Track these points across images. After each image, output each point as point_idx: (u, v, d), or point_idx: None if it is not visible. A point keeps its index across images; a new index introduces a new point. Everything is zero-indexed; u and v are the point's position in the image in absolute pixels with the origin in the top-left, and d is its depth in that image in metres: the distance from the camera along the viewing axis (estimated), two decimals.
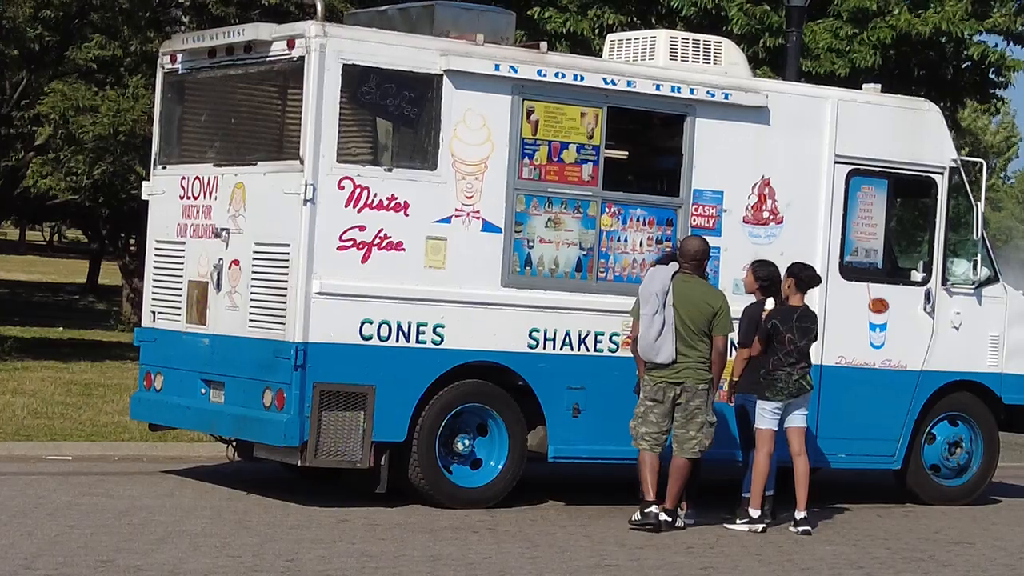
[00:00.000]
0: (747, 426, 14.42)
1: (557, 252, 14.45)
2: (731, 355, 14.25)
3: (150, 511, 12.97)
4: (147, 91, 19.52)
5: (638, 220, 14.84)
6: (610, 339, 14.52)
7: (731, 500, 14.29)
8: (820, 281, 14.83)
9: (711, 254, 14.27)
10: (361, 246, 13.53)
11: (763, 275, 14.24)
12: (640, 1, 29.63)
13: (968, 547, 14.00)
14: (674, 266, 13.64)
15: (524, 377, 14.21)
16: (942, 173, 16.21)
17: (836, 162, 15.63)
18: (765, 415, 14.05)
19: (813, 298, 14.52)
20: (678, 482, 13.65)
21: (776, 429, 14.07)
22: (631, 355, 14.05)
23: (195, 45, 14.93)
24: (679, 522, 13.71)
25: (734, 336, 14.20)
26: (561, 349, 14.40)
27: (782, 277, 14.28)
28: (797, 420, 14.22)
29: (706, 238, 14.19)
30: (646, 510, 13.49)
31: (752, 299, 14.42)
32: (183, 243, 14.64)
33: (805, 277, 14.34)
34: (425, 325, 13.80)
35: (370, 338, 13.59)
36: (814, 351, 14.45)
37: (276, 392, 13.38)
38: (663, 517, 13.48)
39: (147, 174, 15.61)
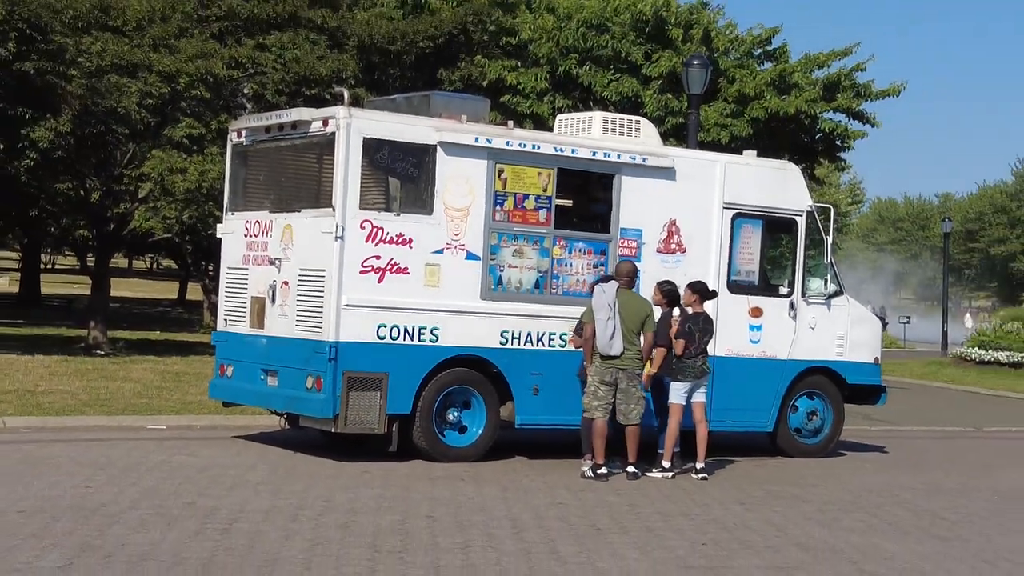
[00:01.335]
0: (660, 398, 14.41)
1: (521, 274, 14.41)
2: None
3: (223, 466, 12.93)
4: (221, 157, 19.48)
5: (580, 251, 14.81)
6: (560, 338, 14.46)
7: (649, 455, 14.23)
8: (717, 295, 14.86)
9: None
10: (377, 270, 13.49)
11: (667, 291, 14.22)
12: (582, 90, 29.77)
13: (822, 488, 14.00)
14: (615, 283, 13.69)
15: (497, 366, 14.16)
16: (801, 215, 16.23)
17: (724, 207, 15.61)
18: (677, 393, 14.06)
19: (708, 306, 14.49)
20: (636, 442, 13.75)
21: (684, 404, 14.07)
22: (576, 349, 14.04)
23: (255, 124, 14.90)
24: (654, 473, 13.86)
25: None
26: (524, 345, 14.34)
27: (686, 292, 14.30)
28: (699, 396, 14.22)
29: (629, 263, 14.27)
30: (599, 471, 13.57)
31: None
32: (247, 269, 14.57)
33: (706, 292, 14.41)
34: (425, 328, 13.74)
35: (384, 338, 13.54)
36: (709, 345, 14.45)
37: (316, 378, 13.34)
38: (630, 470, 13.65)
39: (221, 218, 15.55)
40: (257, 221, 14.45)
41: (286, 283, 13.90)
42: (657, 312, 14.10)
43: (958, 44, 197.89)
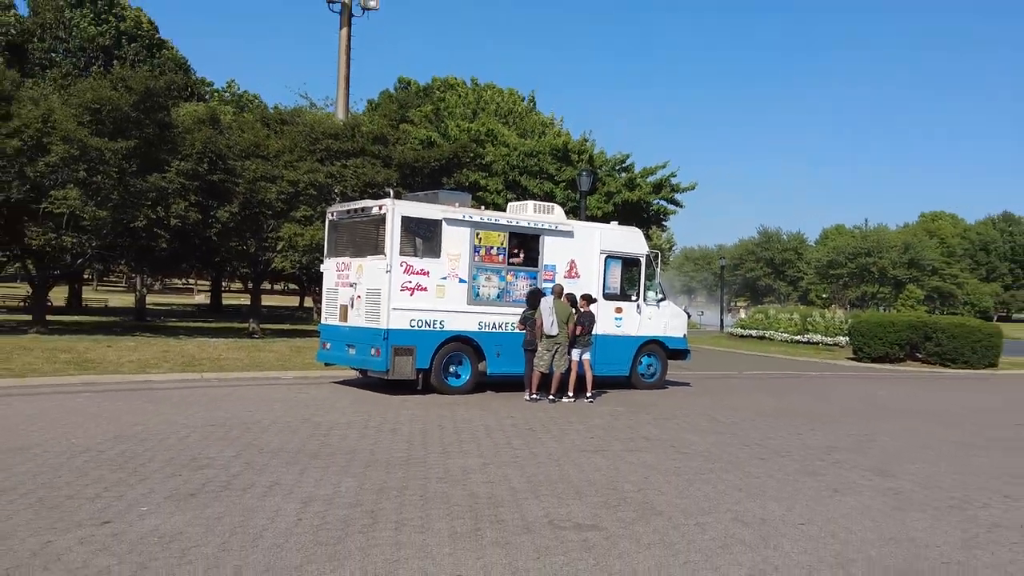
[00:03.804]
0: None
1: (489, 291, 14.33)
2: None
3: (323, 400, 12.79)
4: (322, 227, 19.28)
5: (522, 277, 14.74)
6: (511, 326, 14.42)
7: (560, 391, 14.20)
8: (597, 301, 14.88)
9: (547, 291, 14.32)
10: (410, 289, 13.41)
11: (571, 298, 14.20)
12: (521, 189, 29.83)
13: (655, 407, 13.98)
14: (552, 296, 13.83)
15: (477, 341, 14.08)
16: (643, 256, 16.25)
17: (601, 252, 15.62)
18: (575, 354, 14.03)
19: (592, 307, 14.49)
20: (557, 382, 13.74)
21: (579, 360, 14.04)
22: (519, 331, 14.02)
23: (341, 208, 14.75)
24: (563, 400, 13.74)
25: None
26: (491, 330, 14.27)
27: (581, 300, 14.30)
28: (587, 356, 14.16)
29: (560, 285, 14.27)
30: (533, 396, 13.59)
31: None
32: (337, 289, 14.41)
33: (590, 299, 14.39)
34: (436, 320, 13.66)
35: (414, 327, 13.44)
36: (593, 329, 14.44)
37: (376, 348, 13.24)
38: (549, 399, 13.58)
39: (323, 261, 15.42)
40: (343, 262, 14.32)
41: (359, 296, 13.78)
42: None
43: (725, 154, 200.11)
